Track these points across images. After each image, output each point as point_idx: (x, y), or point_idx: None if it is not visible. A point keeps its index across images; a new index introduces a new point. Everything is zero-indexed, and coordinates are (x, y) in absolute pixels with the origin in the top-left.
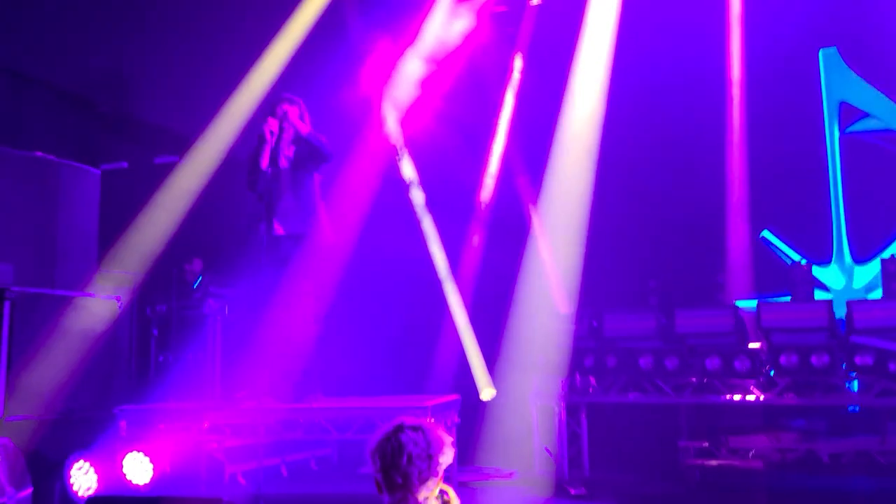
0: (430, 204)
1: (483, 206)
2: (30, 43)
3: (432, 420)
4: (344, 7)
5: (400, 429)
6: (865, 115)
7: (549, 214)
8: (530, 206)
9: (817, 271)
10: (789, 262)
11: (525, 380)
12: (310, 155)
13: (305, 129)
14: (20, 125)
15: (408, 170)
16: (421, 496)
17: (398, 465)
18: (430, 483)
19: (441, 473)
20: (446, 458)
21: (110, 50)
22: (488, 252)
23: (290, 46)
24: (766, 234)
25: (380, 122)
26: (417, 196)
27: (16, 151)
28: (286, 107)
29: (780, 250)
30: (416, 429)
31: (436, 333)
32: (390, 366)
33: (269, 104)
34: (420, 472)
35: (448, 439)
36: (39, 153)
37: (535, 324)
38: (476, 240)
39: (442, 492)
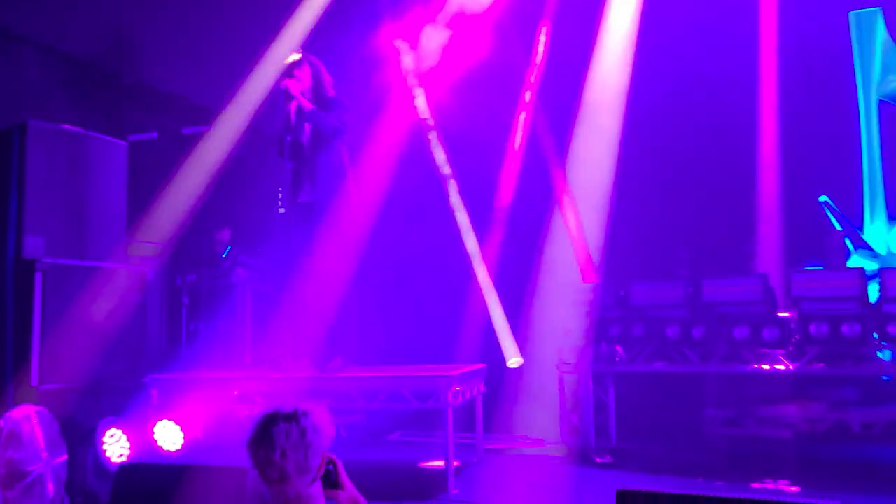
0: (456, 171)
1: (509, 174)
2: (55, 14)
3: (458, 388)
4: None
5: (272, 420)
6: None
7: (575, 182)
8: (556, 173)
9: (868, 235)
10: (840, 228)
11: (551, 348)
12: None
13: (307, 105)
14: (48, 98)
15: (433, 138)
16: (302, 484)
17: (272, 461)
18: (312, 470)
19: (324, 456)
20: (326, 440)
21: (134, 20)
22: (514, 219)
23: (314, 13)
24: (824, 198)
25: (404, 89)
26: (443, 163)
27: (44, 124)
28: (287, 82)
29: (838, 215)
30: (288, 418)
31: (462, 301)
32: (417, 334)
33: (288, 66)
34: (297, 462)
35: (327, 420)
36: (67, 126)
37: (561, 292)
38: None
39: (328, 463)
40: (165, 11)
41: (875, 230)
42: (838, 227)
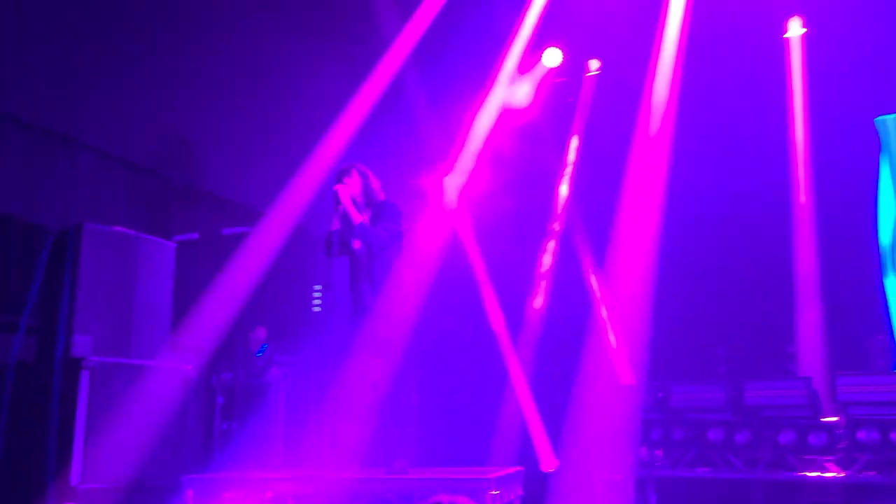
0: (492, 272)
1: (544, 274)
2: (112, 121)
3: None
4: (407, 79)
5: None
6: None
7: (612, 281)
8: (592, 274)
9: None
10: None
11: (590, 452)
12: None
13: (357, 218)
14: (100, 199)
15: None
16: None
17: None
18: None
19: None
20: None
21: (188, 126)
22: (550, 321)
23: (359, 117)
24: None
25: (442, 193)
26: (479, 266)
27: (99, 227)
28: (337, 187)
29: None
30: None
31: (497, 403)
32: (451, 436)
33: (337, 173)
34: None
35: None
36: (120, 228)
37: (599, 394)
38: (538, 304)
39: None
40: (219, 117)
41: None
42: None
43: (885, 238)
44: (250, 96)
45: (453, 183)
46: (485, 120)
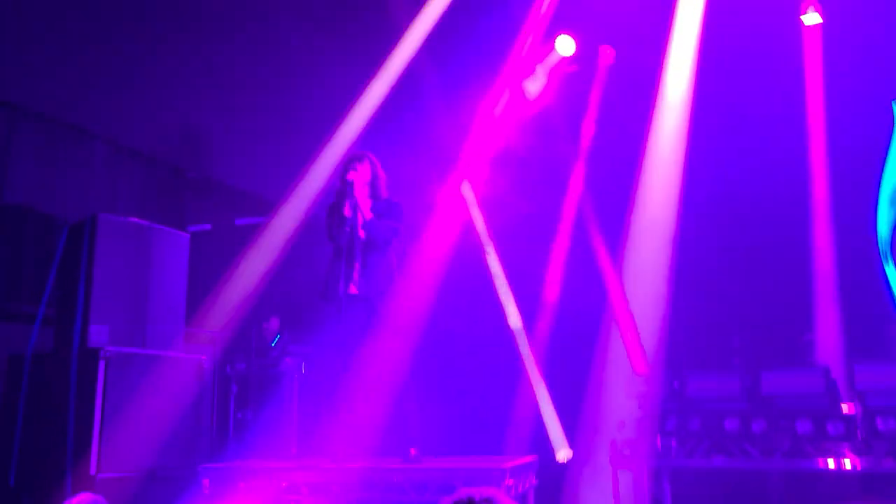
0: (506, 264)
1: (558, 265)
2: (125, 112)
3: (510, 482)
4: (422, 68)
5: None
6: None
7: (627, 271)
8: (607, 264)
9: None
10: None
11: (604, 442)
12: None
13: (368, 213)
14: (115, 190)
15: (483, 230)
16: None
17: None
18: None
19: None
20: None
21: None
22: (564, 311)
23: (370, 108)
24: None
25: (456, 183)
26: (493, 256)
27: (113, 217)
28: (351, 175)
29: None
30: (487, 502)
31: (512, 394)
32: (466, 426)
33: (348, 158)
34: None
35: None
36: (134, 219)
37: (614, 384)
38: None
39: None
40: (232, 108)
41: None
42: None
43: (882, 226)
44: (263, 87)
45: (467, 176)
46: (498, 111)
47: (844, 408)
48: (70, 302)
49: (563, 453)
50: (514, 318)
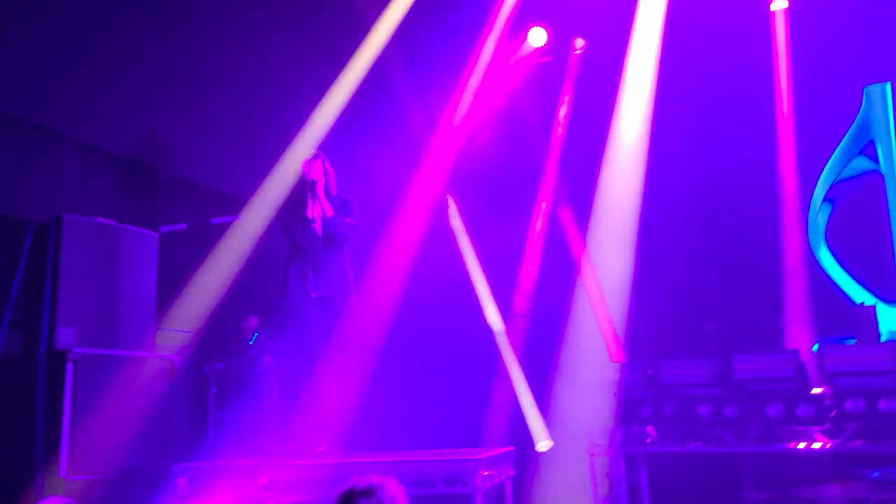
0: (479, 253)
1: (531, 255)
2: (93, 114)
3: (486, 472)
4: (390, 64)
5: (349, 497)
6: None
7: (599, 259)
8: (579, 252)
9: (882, 312)
10: (855, 302)
11: (581, 430)
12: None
13: (329, 211)
14: (84, 192)
15: (455, 219)
16: None
17: None
18: None
19: None
20: None
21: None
22: (538, 301)
23: (338, 104)
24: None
25: (426, 174)
26: (466, 246)
27: (79, 218)
28: (313, 176)
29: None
30: (366, 493)
31: (489, 385)
32: (443, 418)
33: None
34: None
35: (400, 492)
36: (101, 219)
37: (588, 372)
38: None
39: None
40: (197, 110)
41: None
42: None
43: (817, 213)
44: (232, 86)
45: (438, 164)
46: (462, 110)
47: (815, 391)
48: (37, 304)
49: (543, 444)
50: (489, 311)
